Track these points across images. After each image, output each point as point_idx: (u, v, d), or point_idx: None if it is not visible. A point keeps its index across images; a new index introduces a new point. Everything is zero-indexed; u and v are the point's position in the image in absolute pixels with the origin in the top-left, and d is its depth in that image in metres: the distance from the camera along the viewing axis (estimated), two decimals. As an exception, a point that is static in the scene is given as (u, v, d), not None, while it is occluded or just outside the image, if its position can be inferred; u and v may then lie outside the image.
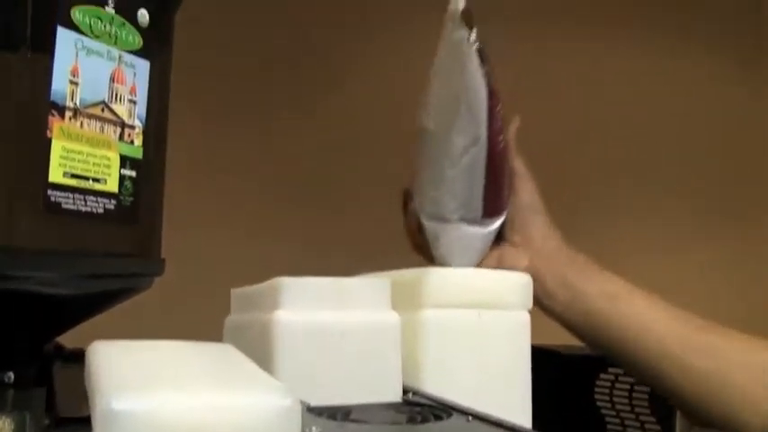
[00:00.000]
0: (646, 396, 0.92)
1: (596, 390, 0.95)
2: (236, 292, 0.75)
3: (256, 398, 0.43)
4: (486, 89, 0.75)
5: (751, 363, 0.74)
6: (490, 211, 0.78)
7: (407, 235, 0.86)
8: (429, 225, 0.79)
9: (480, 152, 0.76)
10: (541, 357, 0.72)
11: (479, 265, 0.79)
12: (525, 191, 0.83)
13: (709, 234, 1.68)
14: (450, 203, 0.77)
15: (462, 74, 0.74)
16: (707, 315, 0.77)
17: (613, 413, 0.93)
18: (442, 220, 0.78)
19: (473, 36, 0.74)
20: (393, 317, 0.63)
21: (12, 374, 0.58)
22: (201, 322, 0.68)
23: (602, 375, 0.95)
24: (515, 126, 0.84)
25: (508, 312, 0.70)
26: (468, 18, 0.73)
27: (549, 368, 0.86)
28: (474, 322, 0.68)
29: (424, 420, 0.54)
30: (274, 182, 1.31)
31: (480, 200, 0.77)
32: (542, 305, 0.79)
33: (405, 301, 0.65)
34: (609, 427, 0.94)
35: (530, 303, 0.71)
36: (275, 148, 1.32)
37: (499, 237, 0.81)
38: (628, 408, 0.93)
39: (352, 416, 0.55)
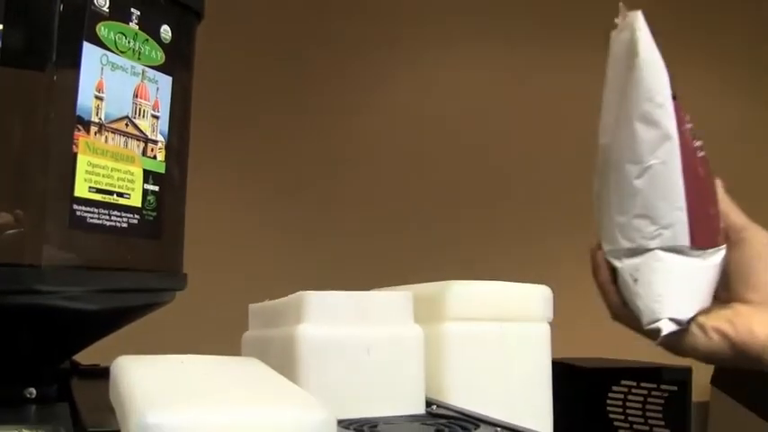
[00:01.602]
0: (659, 408, 0.92)
1: (608, 402, 0.95)
2: (254, 307, 0.74)
3: (293, 412, 0.43)
4: (668, 74, 0.63)
5: None
6: (700, 238, 0.62)
7: (605, 302, 0.66)
8: (623, 266, 0.63)
9: (673, 149, 0.62)
10: (555, 370, 0.72)
11: (705, 323, 0.62)
12: (758, 240, 0.66)
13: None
14: (645, 226, 0.62)
15: (636, 61, 0.62)
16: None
17: (627, 425, 0.93)
18: (638, 252, 0.62)
19: (640, 22, 0.62)
20: (416, 330, 0.63)
21: (34, 390, 0.58)
22: (218, 337, 0.68)
23: (614, 388, 0.95)
24: (723, 184, 0.68)
25: (529, 325, 0.70)
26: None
27: (562, 380, 0.86)
28: (496, 335, 0.68)
29: (452, 432, 0.54)
30: (290, 198, 1.31)
31: (685, 217, 0.62)
32: None
33: (427, 315, 0.65)
34: (622, 438, 0.94)
35: (550, 316, 0.71)
36: (291, 161, 1.32)
37: (720, 294, 0.65)
38: (641, 420, 0.93)
39: (379, 428, 0.55)
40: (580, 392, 0.91)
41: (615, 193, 0.63)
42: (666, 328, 0.60)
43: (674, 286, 0.62)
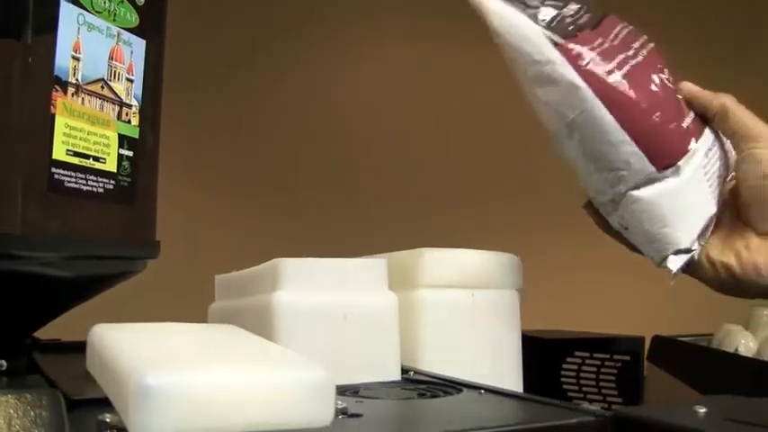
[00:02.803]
0: (613, 378, 0.94)
1: (563, 372, 0.97)
2: (220, 278, 0.74)
3: (293, 373, 0.43)
4: (555, 12, 0.63)
5: None
6: (664, 156, 0.61)
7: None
8: (612, 219, 0.64)
9: (584, 94, 0.61)
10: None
11: (715, 259, 0.62)
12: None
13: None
14: (605, 175, 0.62)
15: (498, 38, 0.63)
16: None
17: (581, 395, 0.95)
18: (616, 201, 0.63)
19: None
20: (391, 297, 0.63)
21: (4, 362, 0.57)
22: (181, 310, 0.67)
23: (568, 359, 0.97)
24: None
25: (500, 292, 0.70)
26: None
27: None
28: (468, 301, 0.68)
29: (435, 396, 0.54)
30: (257, 170, 1.29)
31: (635, 148, 0.61)
32: None
33: (400, 282, 0.65)
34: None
35: (520, 283, 0.72)
36: (263, 129, 1.30)
37: (730, 224, 0.64)
38: (595, 389, 0.95)
39: (361, 393, 0.55)
40: (535, 364, 0.92)
41: (570, 158, 0.64)
42: (675, 264, 0.61)
43: (663, 218, 0.61)
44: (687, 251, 0.61)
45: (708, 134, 0.65)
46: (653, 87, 0.63)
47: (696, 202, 0.62)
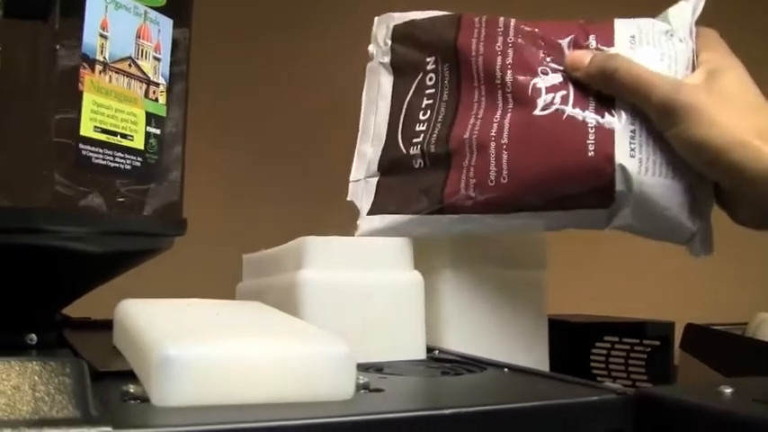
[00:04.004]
0: (642, 362, 0.93)
1: (592, 358, 0.96)
2: (248, 257, 0.74)
3: (314, 345, 0.43)
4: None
5: None
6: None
7: None
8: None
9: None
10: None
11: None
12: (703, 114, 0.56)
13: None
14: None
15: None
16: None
17: (610, 380, 0.95)
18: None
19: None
20: (416, 276, 0.63)
21: (34, 336, 0.58)
22: (208, 288, 0.67)
23: (597, 344, 0.96)
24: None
25: (526, 272, 0.70)
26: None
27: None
28: (493, 281, 0.68)
29: (458, 374, 0.54)
30: (288, 151, 1.29)
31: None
32: None
33: (424, 261, 0.65)
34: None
35: (546, 263, 0.72)
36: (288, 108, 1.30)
37: None
38: (624, 374, 0.94)
39: (385, 371, 0.55)
40: (563, 348, 0.92)
41: None
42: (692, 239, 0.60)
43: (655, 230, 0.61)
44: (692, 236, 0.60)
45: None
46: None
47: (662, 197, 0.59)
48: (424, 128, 0.67)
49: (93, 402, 0.35)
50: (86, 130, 0.52)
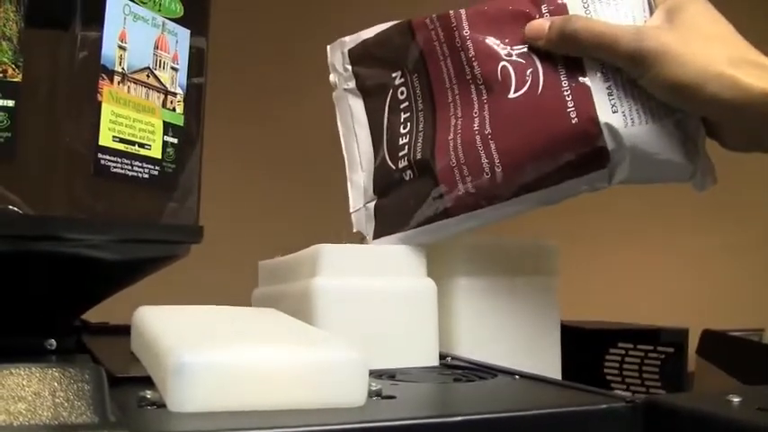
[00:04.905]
0: (656, 369, 0.93)
1: (606, 364, 0.97)
2: (264, 264, 0.75)
3: (327, 352, 0.44)
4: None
5: None
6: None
7: None
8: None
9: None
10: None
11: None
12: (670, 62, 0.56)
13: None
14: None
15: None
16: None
17: (624, 387, 0.95)
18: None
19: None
20: (429, 283, 0.64)
21: (54, 341, 0.59)
22: (226, 296, 0.68)
23: (611, 350, 0.97)
24: None
25: (539, 278, 0.71)
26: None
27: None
28: (506, 287, 0.69)
29: (470, 381, 0.55)
30: (303, 159, 1.30)
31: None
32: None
33: (437, 269, 0.66)
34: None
35: (558, 269, 0.72)
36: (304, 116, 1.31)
37: None
38: (638, 381, 0.94)
39: (397, 378, 0.56)
40: (577, 355, 0.92)
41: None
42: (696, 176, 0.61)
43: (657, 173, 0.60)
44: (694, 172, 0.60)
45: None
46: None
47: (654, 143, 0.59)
48: (407, 140, 0.68)
49: (110, 408, 0.36)
50: (105, 139, 0.54)
